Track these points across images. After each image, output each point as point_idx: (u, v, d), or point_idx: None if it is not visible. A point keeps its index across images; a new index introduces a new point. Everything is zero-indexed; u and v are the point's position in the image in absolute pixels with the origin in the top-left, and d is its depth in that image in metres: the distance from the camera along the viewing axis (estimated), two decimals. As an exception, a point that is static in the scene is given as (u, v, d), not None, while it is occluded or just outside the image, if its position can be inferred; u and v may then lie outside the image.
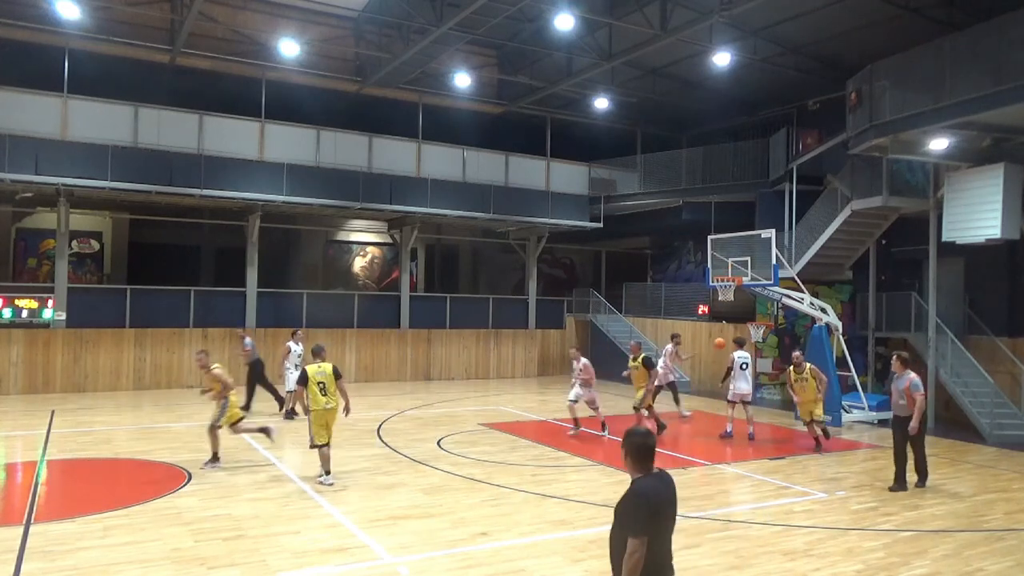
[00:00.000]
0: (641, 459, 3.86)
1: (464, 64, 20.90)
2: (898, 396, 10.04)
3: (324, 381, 9.54)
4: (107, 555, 6.70)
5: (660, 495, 3.80)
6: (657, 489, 3.80)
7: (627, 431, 3.99)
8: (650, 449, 3.89)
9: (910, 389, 9.81)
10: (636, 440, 3.87)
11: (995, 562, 7.14)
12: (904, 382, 9.91)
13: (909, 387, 9.82)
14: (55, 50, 17.49)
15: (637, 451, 3.86)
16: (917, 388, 9.80)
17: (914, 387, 9.80)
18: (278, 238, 23.11)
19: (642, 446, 3.87)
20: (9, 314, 17.07)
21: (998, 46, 11.98)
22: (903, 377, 9.95)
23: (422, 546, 7.19)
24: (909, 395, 9.80)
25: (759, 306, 19.68)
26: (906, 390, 9.86)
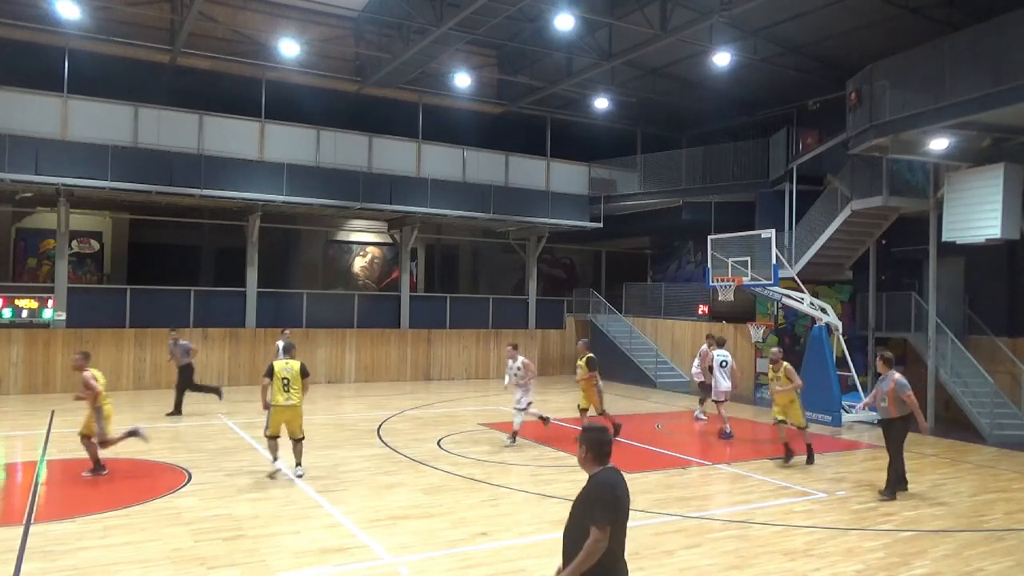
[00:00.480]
0: (601, 454, 3.95)
1: (464, 64, 20.90)
2: (880, 398, 9.58)
3: (289, 378, 9.60)
4: (107, 555, 6.70)
5: (621, 488, 3.90)
6: (618, 482, 3.90)
7: (585, 427, 4.11)
8: (609, 444, 3.99)
9: (895, 390, 9.33)
10: (596, 435, 3.99)
11: (995, 562, 7.14)
12: (888, 383, 9.44)
13: (894, 388, 9.33)
14: (55, 50, 17.49)
15: (598, 446, 3.96)
16: (904, 388, 9.33)
17: (900, 387, 9.33)
18: (278, 238, 23.11)
19: (603, 441, 3.97)
20: (9, 314, 17.07)
21: (998, 46, 11.98)
22: (887, 378, 9.49)
23: (422, 546, 7.19)
24: (893, 397, 9.31)
25: (759, 306, 19.68)
26: (890, 392, 9.37)
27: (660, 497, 9.25)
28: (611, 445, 4.01)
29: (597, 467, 3.94)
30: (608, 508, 3.76)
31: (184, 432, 12.96)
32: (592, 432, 4.01)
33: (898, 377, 9.36)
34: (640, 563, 6.80)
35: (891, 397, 9.32)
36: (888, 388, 9.38)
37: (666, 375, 22.25)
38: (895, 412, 9.37)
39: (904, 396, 9.23)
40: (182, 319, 19.03)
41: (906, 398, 9.24)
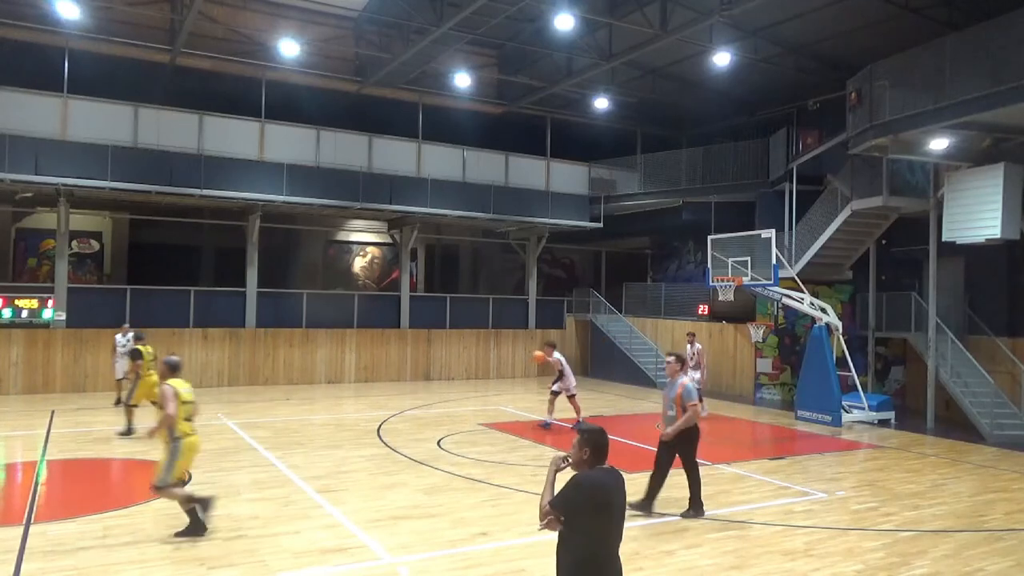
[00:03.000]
0: (601, 457, 3.95)
1: (464, 64, 20.90)
2: (668, 405, 8.44)
3: (192, 403, 7.52)
4: (107, 555, 6.70)
5: (608, 489, 3.87)
6: (602, 481, 3.88)
7: (585, 428, 4.08)
8: (608, 446, 3.98)
9: (682, 397, 8.22)
10: (597, 438, 3.97)
11: (995, 562, 7.14)
12: (676, 388, 8.30)
13: (681, 395, 8.22)
14: (55, 50, 17.49)
15: (600, 449, 3.95)
16: (690, 396, 8.20)
17: (686, 395, 8.20)
18: (278, 238, 23.11)
19: (603, 444, 3.97)
20: (9, 314, 17.07)
21: (998, 46, 11.97)
22: (675, 383, 8.36)
23: (422, 546, 7.19)
24: (680, 405, 8.23)
25: (759, 306, 19.68)
26: (677, 399, 8.26)
27: (660, 497, 9.23)
28: (608, 447, 3.99)
29: (589, 467, 3.94)
30: (567, 496, 3.79)
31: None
32: (593, 434, 3.99)
33: (687, 383, 8.30)
34: (640, 563, 6.81)
35: (679, 405, 8.26)
36: (676, 394, 8.30)
37: (666, 375, 22.20)
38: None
39: (688, 405, 8.16)
40: (182, 319, 19.05)
41: (689, 407, 8.15)
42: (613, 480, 3.94)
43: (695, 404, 8.15)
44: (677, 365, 8.44)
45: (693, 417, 8.17)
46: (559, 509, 3.82)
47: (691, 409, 8.12)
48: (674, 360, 8.48)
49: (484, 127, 23.34)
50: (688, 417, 8.14)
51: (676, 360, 8.48)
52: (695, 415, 8.18)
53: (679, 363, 8.47)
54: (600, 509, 3.85)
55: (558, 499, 3.84)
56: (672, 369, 8.44)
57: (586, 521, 3.81)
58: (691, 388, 8.22)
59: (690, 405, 8.13)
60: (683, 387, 8.21)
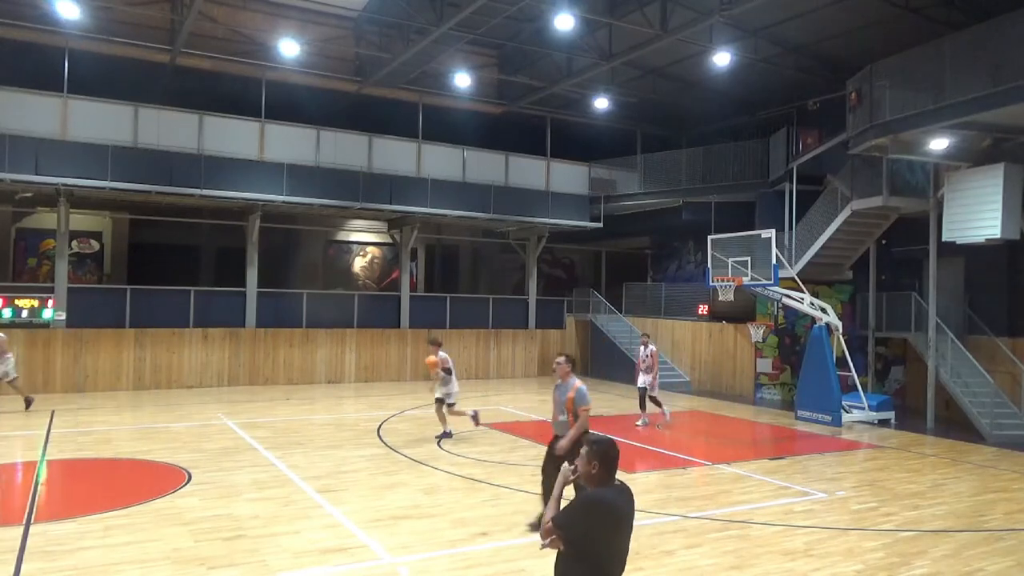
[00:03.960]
0: (612, 471, 3.71)
1: (464, 64, 20.90)
2: (558, 409, 7.64)
3: None
4: (107, 555, 6.70)
5: (618, 510, 3.66)
6: (610, 501, 3.65)
7: (596, 439, 3.81)
8: (617, 459, 3.74)
9: (574, 402, 7.45)
10: (608, 450, 3.71)
11: (995, 562, 7.14)
12: (568, 391, 7.51)
13: (573, 399, 7.45)
14: (55, 50, 17.48)
15: (611, 463, 3.70)
16: (583, 400, 7.43)
17: (580, 399, 7.43)
18: (278, 238, 23.11)
19: (614, 458, 3.72)
20: (9, 314, 17.07)
21: (998, 46, 11.98)
22: (566, 384, 7.59)
23: (422, 546, 7.19)
24: (572, 407, 7.48)
25: (759, 306, 19.68)
26: (569, 403, 7.49)
27: (660, 497, 9.25)
28: (618, 459, 3.74)
29: (602, 483, 3.68)
30: (572, 516, 3.58)
31: (184, 432, 12.95)
32: (603, 446, 3.71)
33: (580, 385, 7.53)
34: (640, 563, 6.81)
35: (570, 409, 7.51)
36: (567, 397, 7.53)
37: (666, 375, 22.21)
38: None
39: (580, 410, 7.44)
40: (182, 319, 19.05)
41: (581, 412, 7.43)
42: (624, 500, 3.70)
43: (588, 409, 7.42)
44: (568, 366, 7.73)
45: (586, 423, 7.40)
46: (564, 529, 3.57)
47: (583, 415, 7.36)
48: (564, 361, 7.75)
49: (484, 127, 23.34)
50: (581, 424, 7.36)
51: (567, 361, 7.76)
52: (587, 420, 7.45)
53: (570, 363, 7.76)
54: (608, 532, 3.62)
55: (564, 518, 3.60)
56: (563, 371, 7.70)
57: (592, 544, 3.58)
58: (584, 392, 7.48)
59: (582, 410, 7.37)
60: (576, 390, 7.47)
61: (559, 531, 3.58)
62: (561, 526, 3.58)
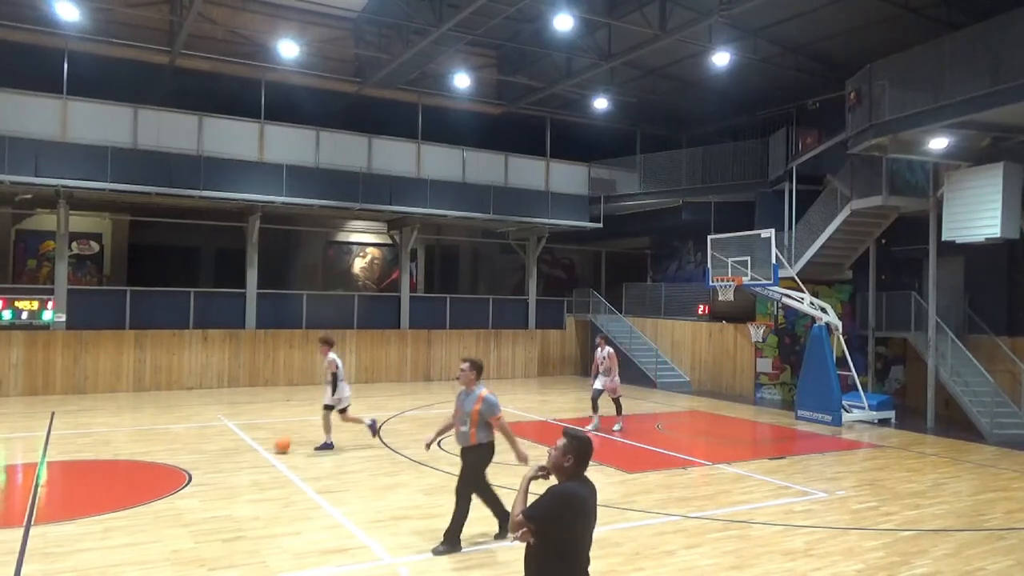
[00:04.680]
0: (584, 466, 3.81)
1: (463, 65, 20.90)
2: (460, 419, 7.18)
3: None
4: (107, 556, 6.70)
5: (583, 498, 3.74)
6: (580, 494, 3.74)
7: (573, 433, 3.86)
8: (591, 455, 3.85)
9: (481, 413, 7.01)
10: (584, 446, 3.80)
11: (995, 561, 7.14)
12: (473, 400, 7.08)
13: (480, 410, 7.01)
14: (55, 52, 17.49)
15: (584, 458, 3.80)
16: (493, 410, 7.03)
17: (488, 409, 7.02)
18: (278, 239, 23.11)
19: (588, 453, 3.82)
20: (9, 316, 17.06)
21: (997, 45, 11.98)
22: (473, 393, 7.13)
23: (423, 546, 7.18)
24: (477, 419, 7.01)
25: (759, 306, 19.68)
26: (474, 414, 7.02)
27: (660, 497, 9.25)
28: (591, 456, 3.85)
29: (572, 477, 3.78)
30: (544, 508, 3.63)
31: (184, 434, 12.95)
32: (580, 441, 3.80)
33: (486, 394, 7.09)
34: (640, 563, 6.81)
35: (474, 420, 7.07)
36: (473, 408, 7.05)
37: (666, 375, 22.26)
38: (475, 439, 7.12)
39: (492, 420, 7.06)
40: (182, 320, 19.05)
41: (493, 421, 7.06)
42: (590, 492, 3.81)
43: (500, 417, 7.04)
44: (472, 373, 7.15)
45: (510, 429, 7.13)
46: (536, 521, 3.64)
47: (497, 424, 7.03)
48: (468, 367, 7.17)
49: (483, 127, 23.34)
50: (509, 434, 7.09)
51: (471, 367, 7.17)
52: (506, 428, 7.10)
53: (474, 370, 7.17)
54: (578, 522, 3.72)
55: (535, 510, 3.65)
56: (467, 378, 7.15)
57: (562, 534, 3.66)
58: (493, 400, 7.04)
59: (495, 419, 7.02)
60: (483, 400, 7.00)
61: (531, 523, 3.63)
62: (533, 518, 3.64)
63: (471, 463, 7.20)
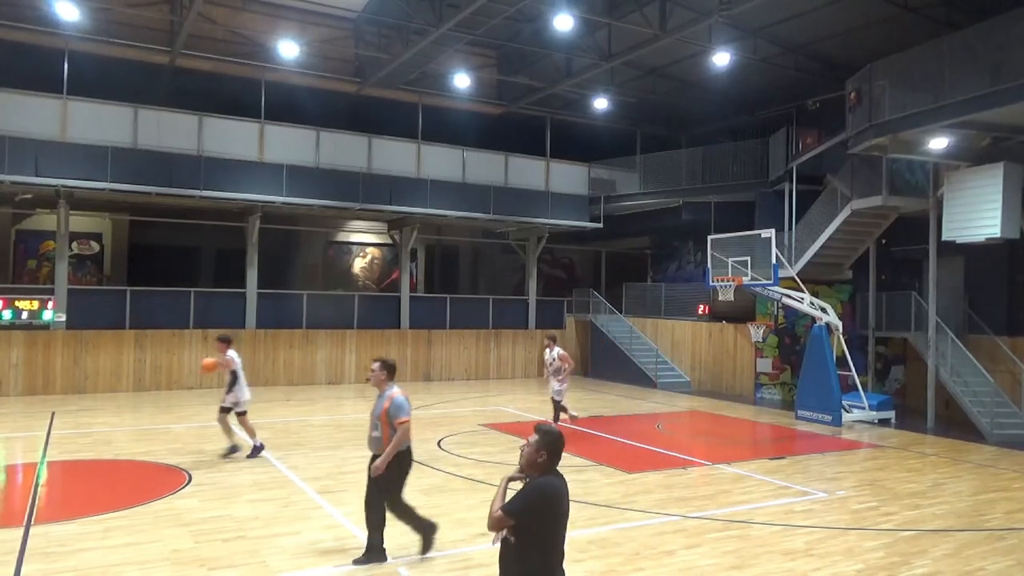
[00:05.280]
0: (556, 461, 3.87)
1: (463, 65, 20.90)
2: (372, 423, 6.76)
3: None
4: (107, 556, 6.70)
5: (560, 494, 3.80)
6: (558, 489, 3.80)
7: (545, 429, 3.93)
8: (562, 450, 3.91)
9: (389, 414, 6.59)
10: (556, 441, 3.86)
11: (995, 561, 7.14)
12: (383, 402, 6.66)
13: (388, 411, 6.60)
14: (55, 51, 17.49)
15: (556, 453, 3.86)
16: (399, 412, 6.60)
17: (395, 410, 6.59)
18: (278, 239, 23.11)
19: (560, 448, 3.88)
20: (9, 316, 17.07)
21: (997, 45, 11.98)
22: (383, 395, 6.73)
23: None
24: (387, 420, 6.61)
25: (759, 306, 19.68)
26: (383, 415, 6.62)
27: (660, 497, 9.25)
28: (562, 452, 3.92)
29: (543, 472, 3.83)
30: (525, 504, 3.67)
31: (184, 433, 12.96)
32: (552, 437, 3.86)
33: (397, 395, 6.69)
34: (640, 563, 6.81)
35: (385, 422, 6.62)
36: (382, 410, 6.64)
37: (666, 375, 22.26)
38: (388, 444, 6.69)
39: (397, 423, 6.59)
40: (182, 320, 19.05)
41: (398, 425, 6.59)
42: (564, 487, 3.87)
43: (405, 421, 6.57)
44: (383, 373, 6.76)
45: (405, 439, 6.63)
46: (517, 516, 3.68)
47: (401, 428, 6.55)
48: (379, 367, 6.78)
49: (484, 127, 23.34)
50: (398, 439, 6.56)
51: (382, 367, 6.78)
52: (406, 435, 6.66)
53: (385, 370, 6.77)
54: (556, 516, 3.77)
55: (515, 505, 3.69)
56: (378, 379, 6.76)
57: (542, 528, 3.70)
58: (402, 402, 6.62)
59: (399, 423, 6.54)
60: (391, 400, 6.59)
61: (511, 519, 3.66)
62: (513, 513, 3.67)
63: (388, 472, 6.68)
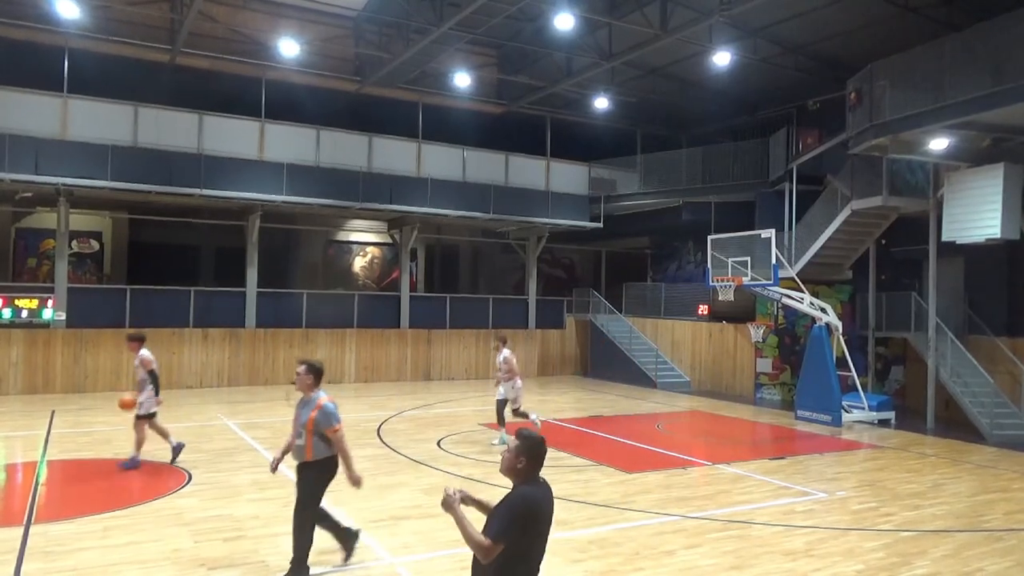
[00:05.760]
0: (538, 467, 3.71)
1: (464, 64, 20.89)
2: (296, 431, 6.22)
3: None
4: (107, 556, 6.70)
5: (543, 506, 3.66)
6: (541, 501, 3.66)
7: (524, 434, 3.76)
8: (544, 456, 3.75)
9: (317, 422, 6.08)
10: (536, 445, 3.71)
11: (995, 562, 7.15)
12: (310, 409, 6.15)
13: (316, 419, 6.08)
14: (55, 50, 17.49)
15: (537, 458, 3.69)
16: (329, 421, 6.10)
17: (324, 419, 6.09)
18: (278, 238, 23.10)
19: (542, 453, 3.73)
20: (9, 314, 17.06)
21: (998, 46, 11.97)
22: (310, 401, 6.21)
23: (422, 546, 7.19)
24: (313, 429, 6.09)
25: (759, 306, 19.68)
26: (309, 424, 6.10)
27: (660, 497, 9.25)
28: (544, 457, 3.75)
29: (525, 479, 3.67)
30: (513, 525, 3.50)
31: (184, 433, 12.93)
32: (532, 441, 3.70)
33: (325, 402, 6.17)
34: (640, 563, 6.81)
35: (310, 431, 6.12)
36: (308, 418, 6.13)
37: (666, 375, 22.26)
38: (312, 454, 6.16)
39: (329, 432, 6.12)
40: (182, 319, 19.05)
41: (330, 433, 6.12)
42: (546, 493, 3.73)
43: (338, 429, 6.13)
44: (309, 377, 6.24)
45: (347, 446, 6.22)
46: (508, 537, 3.47)
47: (335, 438, 6.12)
48: (305, 371, 6.26)
49: (484, 127, 23.33)
50: (343, 449, 6.17)
51: (308, 370, 6.26)
52: (343, 440, 6.19)
53: (311, 374, 6.26)
54: (541, 529, 3.63)
55: (501, 528, 3.49)
56: (304, 383, 6.24)
57: (524, 541, 3.54)
58: (332, 409, 6.14)
59: (332, 431, 6.10)
60: (320, 408, 6.11)
61: (504, 542, 3.47)
62: (504, 535, 3.48)
63: (308, 482, 6.20)
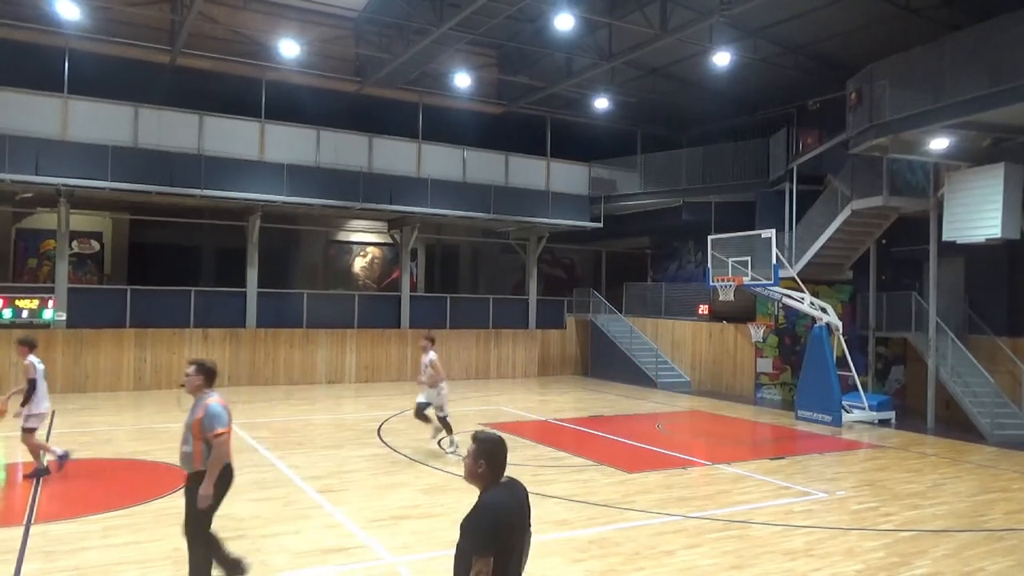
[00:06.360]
0: (499, 469, 3.53)
1: (464, 64, 20.90)
2: (184, 436, 5.72)
3: None
4: (108, 555, 6.71)
5: (511, 508, 3.49)
6: (508, 503, 3.49)
7: (481, 436, 3.61)
8: (506, 457, 3.57)
9: (202, 425, 5.60)
10: (494, 447, 3.55)
11: (995, 562, 7.15)
12: (196, 411, 5.69)
13: (202, 421, 5.60)
14: (55, 50, 17.50)
15: (497, 460, 3.53)
16: (214, 424, 5.60)
17: (209, 421, 5.60)
18: (278, 238, 23.10)
19: (501, 455, 3.55)
20: (9, 314, 17.07)
21: (998, 46, 11.98)
22: (198, 403, 5.75)
23: (423, 546, 7.19)
24: (199, 434, 5.61)
25: (759, 306, 19.68)
26: (196, 426, 5.62)
27: (660, 497, 9.26)
28: (506, 457, 3.57)
29: (489, 484, 3.52)
30: (489, 536, 3.33)
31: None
32: (489, 443, 3.55)
33: (212, 403, 5.71)
34: (640, 563, 6.82)
35: (197, 434, 5.63)
36: (195, 419, 5.67)
37: (666, 375, 22.27)
38: (201, 462, 5.64)
39: (211, 436, 5.59)
40: (182, 319, 19.06)
41: (212, 438, 5.58)
42: (517, 498, 3.56)
43: (221, 434, 5.61)
44: (199, 378, 5.81)
45: (223, 455, 5.62)
46: (487, 550, 3.28)
47: (216, 443, 5.57)
48: (195, 371, 5.84)
49: (484, 127, 23.34)
50: (215, 459, 5.56)
51: (198, 370, 5.84)
52: (224, 450, 5.63)
53: (201, 374, 5.84)
54: (515, 531, 3.45)
55: (477, 544, 3.30)
56: (193, 384, 5.80)
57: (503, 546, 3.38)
58: (218, 411, 5.65)
59: (213, 436, 5.57)
60: (206, 409, 5.64)
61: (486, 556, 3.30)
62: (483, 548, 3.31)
63: (193, 493, 5.68)
